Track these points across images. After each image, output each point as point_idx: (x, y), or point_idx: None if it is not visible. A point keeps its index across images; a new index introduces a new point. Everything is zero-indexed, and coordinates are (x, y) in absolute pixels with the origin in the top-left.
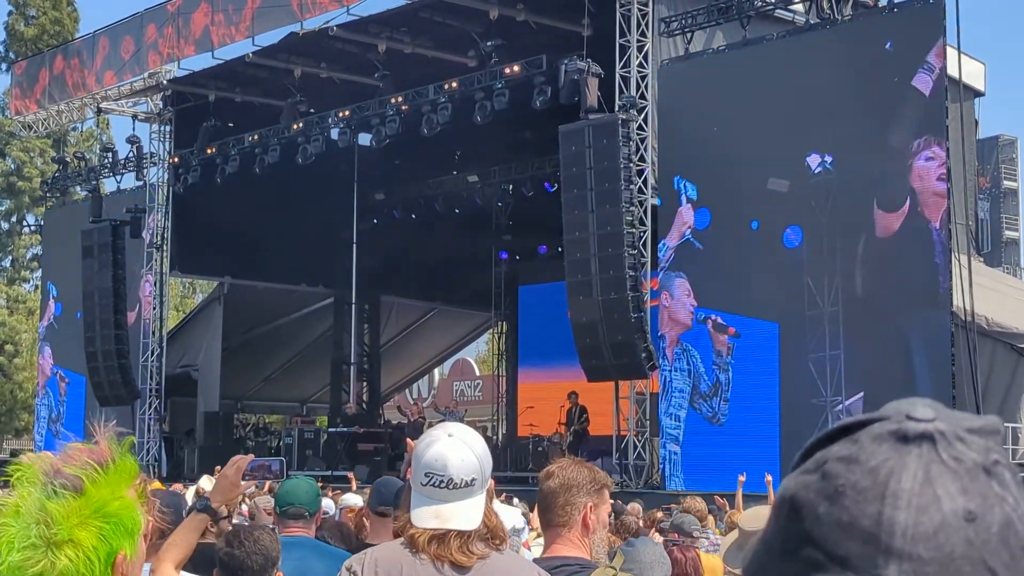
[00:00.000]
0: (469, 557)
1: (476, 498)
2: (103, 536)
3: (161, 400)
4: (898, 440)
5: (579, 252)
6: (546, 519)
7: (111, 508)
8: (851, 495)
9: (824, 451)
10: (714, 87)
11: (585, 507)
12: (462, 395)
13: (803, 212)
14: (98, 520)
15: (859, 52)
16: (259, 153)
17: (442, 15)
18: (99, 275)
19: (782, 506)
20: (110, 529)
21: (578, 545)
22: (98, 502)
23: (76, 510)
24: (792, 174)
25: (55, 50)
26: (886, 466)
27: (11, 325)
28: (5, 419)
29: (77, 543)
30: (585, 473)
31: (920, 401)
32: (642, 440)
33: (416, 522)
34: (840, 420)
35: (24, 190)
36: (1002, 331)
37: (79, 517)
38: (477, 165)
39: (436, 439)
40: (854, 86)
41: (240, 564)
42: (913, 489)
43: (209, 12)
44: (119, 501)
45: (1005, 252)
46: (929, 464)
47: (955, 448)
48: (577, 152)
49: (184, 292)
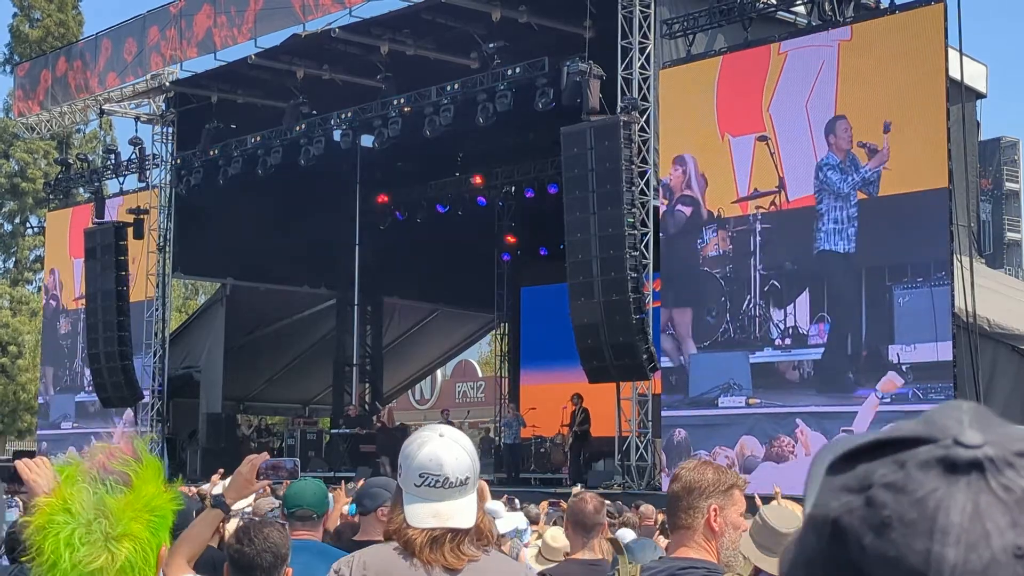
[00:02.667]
0: (460, 559)
1: (470, 496)
2: (153, 528)
3: (163, 401)
4: (946, 468)
5: (581, 254)
6: (672, 522)
7: (157, 502)
8: (898, 528)
9: (867, 467)
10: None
11: (710, 509)
12: (464, 397)
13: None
14: (148, 514)
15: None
16: (261, 155)
17: (444, 17)
18: (102, 276)
19: (823, 526)
20: (158, 522)
21: (704, 548)
22: (147, 496)
23: (130, 504)
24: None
25: (58, 52)
26: (934, 497)
27: (14, 326)
28: (8, 420)
29: (134, 536)
30: (710, 475)
31: (967, 414)
32: (644, 441)
33: (413, 522)
34: (886, 430)
35: (28, 191)
36: (1004, 333)
37: (133, 511)
38: (479, 167)
39: (428, 440)
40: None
41: (251, 562)
42: (962, 524)
43: (212, 14)
44: (162, 495)
45: (1007, 254)
46: (978, 495)
47: (1005, 476)
48: (579, 154)
49: (187, 293)
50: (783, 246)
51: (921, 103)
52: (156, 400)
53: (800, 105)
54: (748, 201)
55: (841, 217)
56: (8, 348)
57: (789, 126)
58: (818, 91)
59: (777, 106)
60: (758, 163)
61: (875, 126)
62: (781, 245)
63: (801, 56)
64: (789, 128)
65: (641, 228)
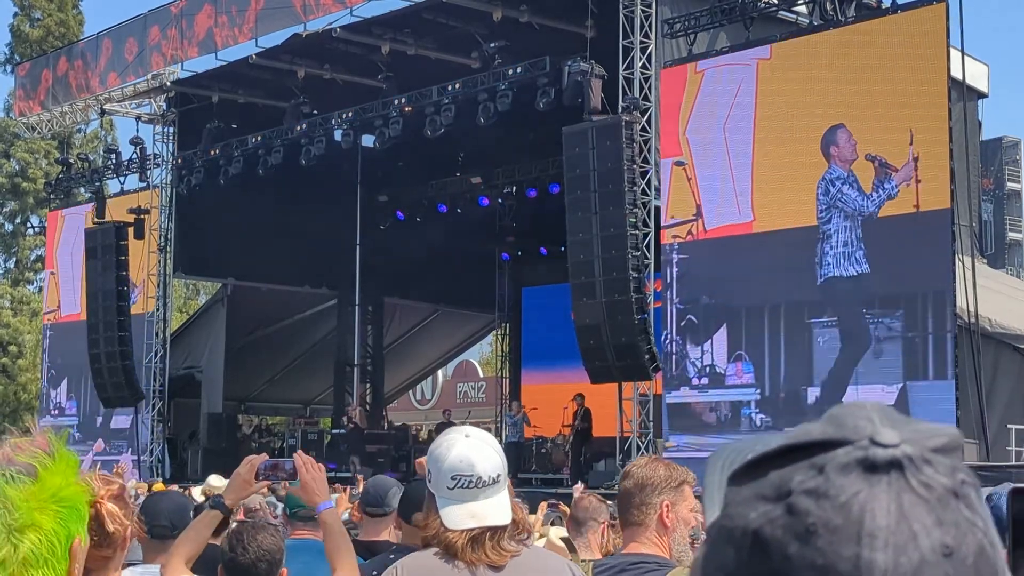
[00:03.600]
0: (502, 555)
1: (503, 494)
2: (61, 520)
3: (164, 402)
4: (866, 470)
5: (582, 254)
6: (624, 519)
7: (65, 493)
8: (824, 535)
9: (780, 473)
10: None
11: (662, 505)
12: (466, 397)
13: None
14: (55, 504)
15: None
16: (262, 154)
17: (445, 16)
18: (103, 276)
19: (742, 538)
20: (67, 513)
21: (656, 544)
22: (53, 487)
23: (34, 495)
24: None
25: (59, 52)
26: (858, 500)
27: (15, 326)
28: (9, 421)
29: (38, 527)
30: (661, 472)
31: (875, 412)
32: (645, 441)
33: (451, 525)
34: (793, 434)
35: (28, 191)
36: (1006, 333)
37: (38, 502)
38: (480, 167)
39: (455, 442)
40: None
41: (245, 571)
42: (889, 526)
43: (212, 14)
44: (72, 487)
45: (1008, 254)
46: (900, 495)
47: (924, 474)
48: (580, 154)
49: (187, 293)
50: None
51: (925, 103)
52: (157, 400)
53: (718, 128)
54: (665, 230)
55: (851, 239)
56: (8, 348)
57: (705, 150)
58: (735, 114)
59: (694, 128)
60: (675, 189)
61: (883, 135)
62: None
63: (717, 76)
64: (705, 152)
65: (643, 228)
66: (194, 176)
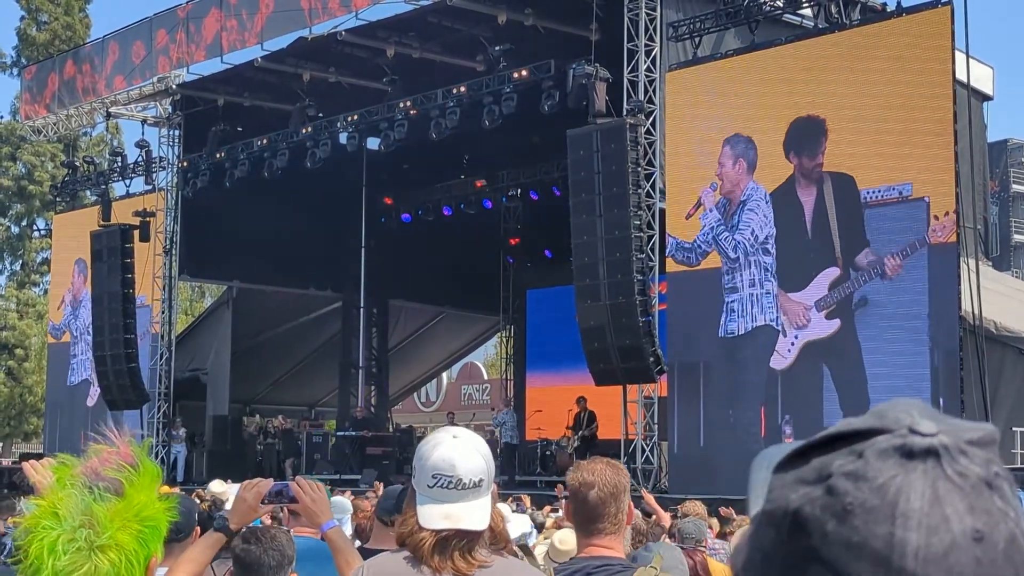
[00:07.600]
0: (470, 564)
1: (484, 499)
2: (142, 539)
3: (170, 404)
4: (904, 456)
5: (587, 256)
6: (595, 526)
7: (148, 512)
8: (860, 514)
9: (823, 459)
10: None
11: (630, 507)
12: (470, 399)
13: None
14: (137, 524)
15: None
16: (268, 157)
17: (450, 20)
18: (108, 279)
19: (783, 519)
20: (148, 532)
21: (616, 546)
22: (138, 505)
23: (119, 513)
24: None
25: (65, 55)
26: (894, 484)
27: (21, 329)
28: (15, 423)
29: (120, 547)
30: (622, 475)
31: (917, 409)
32: (650, 444)
33: (424, 523)
34: (837, 425)
35: (35, 194)
36: (1011, 336)
37: (121, 520)
38: (485, 169)
39: (441, 441)
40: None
41: (256, 560)
42: (923, 509)
43: (221, 18)
44: (154, 504)
45: (1014, 256)
46: (936, 481)
47: (959, 463)
48: (585, 156)
49: (193, 296)
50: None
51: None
52: (162, 403)
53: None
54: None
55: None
56: (15, 351)
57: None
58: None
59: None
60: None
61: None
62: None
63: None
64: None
65: (647, 231)
66: (199, 179)
